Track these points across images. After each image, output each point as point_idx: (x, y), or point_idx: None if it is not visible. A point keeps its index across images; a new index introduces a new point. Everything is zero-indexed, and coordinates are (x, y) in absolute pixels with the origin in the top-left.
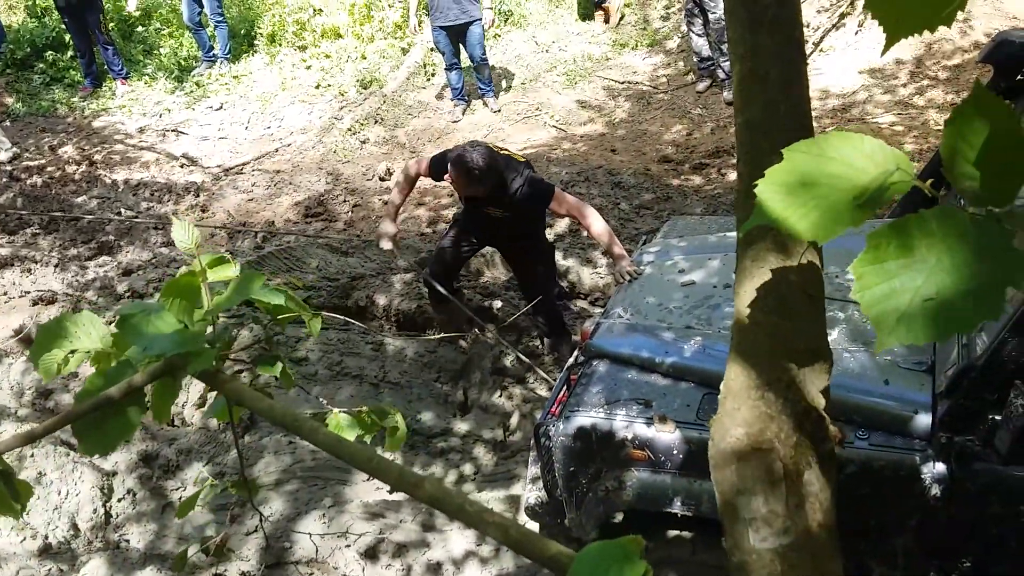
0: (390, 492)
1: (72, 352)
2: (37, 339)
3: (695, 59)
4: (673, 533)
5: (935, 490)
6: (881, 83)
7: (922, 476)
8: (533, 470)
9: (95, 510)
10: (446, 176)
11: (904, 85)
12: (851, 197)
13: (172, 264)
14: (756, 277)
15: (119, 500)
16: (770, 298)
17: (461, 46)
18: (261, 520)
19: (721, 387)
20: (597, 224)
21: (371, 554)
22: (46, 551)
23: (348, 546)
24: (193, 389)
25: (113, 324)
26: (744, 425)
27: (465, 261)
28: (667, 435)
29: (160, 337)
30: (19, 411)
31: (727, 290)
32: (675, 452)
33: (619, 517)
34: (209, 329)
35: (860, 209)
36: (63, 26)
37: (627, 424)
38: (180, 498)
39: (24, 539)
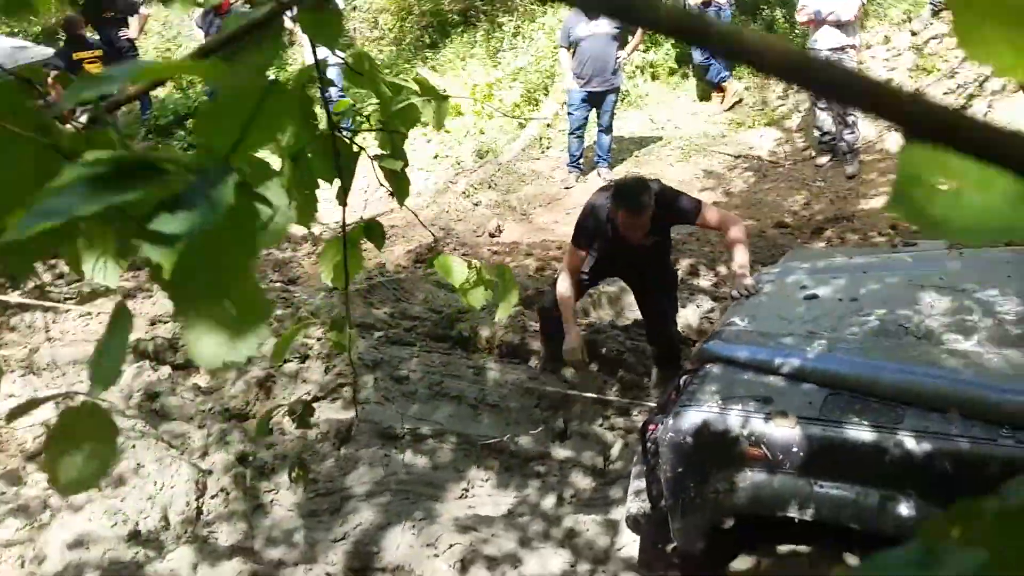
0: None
1: None
2: None
3: (816, 133)
4: (787, 543)
5: None
6: None
7: None
8: (636, 483)
9: (187, 503)
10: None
11: None
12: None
13: None
14: None
15: (212, 497)
16: None
17: (594, 113)
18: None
19: None
20: (739, 232)
21: (461, 566)
22: (135, 537)
23: (436, 555)
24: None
25: None
26: None
27: (580, 296)
28: (787, 431)
29: None
30: (127, 411)
31: (853, 303)
32: (795, 450)
33: (729, 523)
34: None
35: None
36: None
37: (743, 419)
38: (272, 501)
39: (115, 524)
